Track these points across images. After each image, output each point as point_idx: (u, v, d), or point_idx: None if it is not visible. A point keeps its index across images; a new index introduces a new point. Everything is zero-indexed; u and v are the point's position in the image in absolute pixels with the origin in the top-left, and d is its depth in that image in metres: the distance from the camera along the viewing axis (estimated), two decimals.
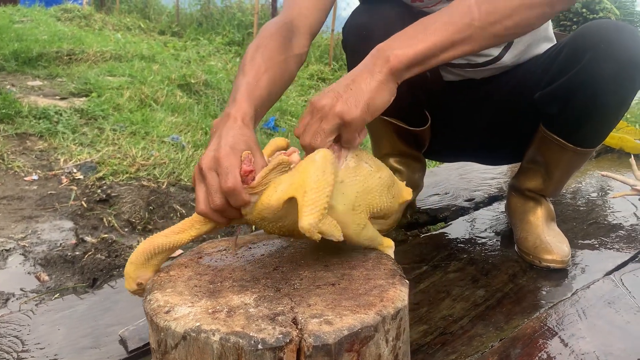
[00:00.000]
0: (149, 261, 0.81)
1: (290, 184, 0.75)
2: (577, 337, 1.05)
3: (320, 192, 0.72)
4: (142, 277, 0.82)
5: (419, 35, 0.85)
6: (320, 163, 0.74)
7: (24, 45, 5.32)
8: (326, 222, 0.73)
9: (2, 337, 1.02)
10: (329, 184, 0.73)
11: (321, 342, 0.65)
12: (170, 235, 0.81)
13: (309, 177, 0.72)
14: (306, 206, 0.71)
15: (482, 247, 1.42)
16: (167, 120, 3.63)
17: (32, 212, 2.17)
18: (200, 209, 0.79)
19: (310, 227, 0.70)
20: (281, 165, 0.78)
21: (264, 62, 0.98)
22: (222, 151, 0.79)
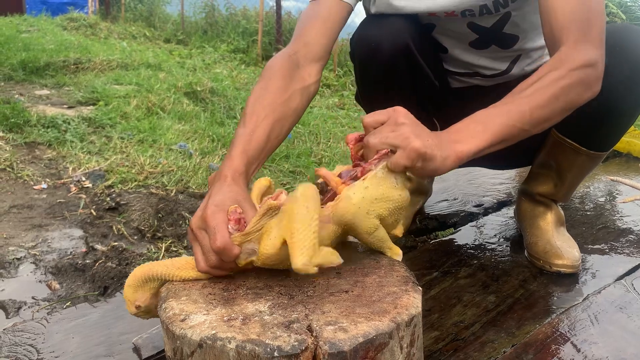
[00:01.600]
0: (145, 285, 0.84)
1: (279, 228, 0.77)
2: (589, 342, 1.04)
3: (306, 229, 0.74)
4: (140, 299, 0.84)
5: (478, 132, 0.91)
6: (302, 201, 0.76)
7: (31, 55, 5.37)
8: (320, 255, 0.76)
9: (17, 345, 1.03)
10: (313, 218, 0.75)
11: (337, 349, 0.65)
12: (171, 268, 0.84)
13: (294, 217, 0.75)
14: (296, 248, 0.74)
15: (492, 252, 1.42)
16: (174, 128, 3.64)
17: (42, 220, 2.18)
18: (200, 268, 0.82)
19: (304, 267, 0.73)
20: (270, 210, 0.80)
21: (263, 108, 1.01)
22: (209, 210, 0.82)
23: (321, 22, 1.14)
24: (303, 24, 1.16)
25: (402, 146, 0.82)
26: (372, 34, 1.23)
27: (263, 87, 1.05)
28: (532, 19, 1.24)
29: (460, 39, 1.29)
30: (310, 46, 1.12)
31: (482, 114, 0.93)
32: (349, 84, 6.37)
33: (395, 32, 1.20)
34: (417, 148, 0.82)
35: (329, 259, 0.77)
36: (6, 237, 2.00)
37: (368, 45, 1.24)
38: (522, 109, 0.92)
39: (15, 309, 1.56)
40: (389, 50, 1.20)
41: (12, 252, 1.89)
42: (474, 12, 1.18)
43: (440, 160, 0.86)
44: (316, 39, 1.13)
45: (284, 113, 1.04)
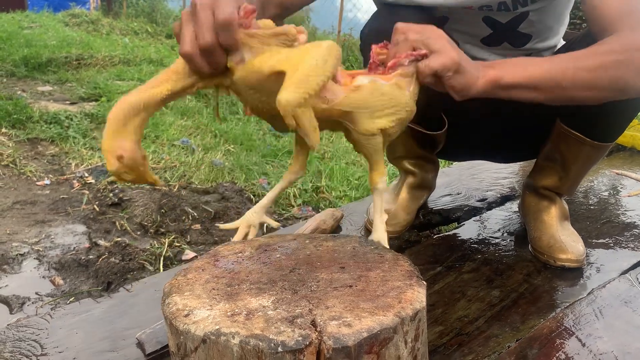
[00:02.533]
0: (125, 127, 0.71)
1: (287, 58, 0.70)
2: (594, 337, 1.04)
3: (313, 77, 0.68)
4: (121, 146, 0.71)
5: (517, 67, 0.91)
6: (325, 51, 0.70)
7: (33, 51, 5.37)
8: (306, 112, 0.69)
9: (21, 340, 1.03)
10: (325, 74, 0.69)
11: (341, 344, 0.65)
12: (144, 90, 0.73)
13: (308, 59, 0.68)
14: (292, 82, 0.67)
15: (496, 247, 1.42)
16: (176, 123, 3.64)
17: (45, 216, 2.19)
18: (185, 49, 0.72)
19: (287, 104, 0.66)
20: (285, 36, 0.73)
21: None
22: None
23: None
24: None
25: (441, 50, 0.82)
26: (384, 27, 1.22)
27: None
28: (548, 21, 1.23)
29: (472, 35, 1.28)
30: None
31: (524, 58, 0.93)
32: None
33: None
34: (453, 56, 0.82)
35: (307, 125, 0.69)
36: (10, 233, 2.01)
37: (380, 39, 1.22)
38: (567, 65, 0.91)
39: (19, 304, 1.56)
40: None
41: (16, 248, 1.89)
42: (492, 7, 1.17)
43: (472, 78, 0.85)
44: None
45: None
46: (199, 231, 2.07)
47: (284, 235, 0.95)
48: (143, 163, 0.74)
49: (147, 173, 0.76)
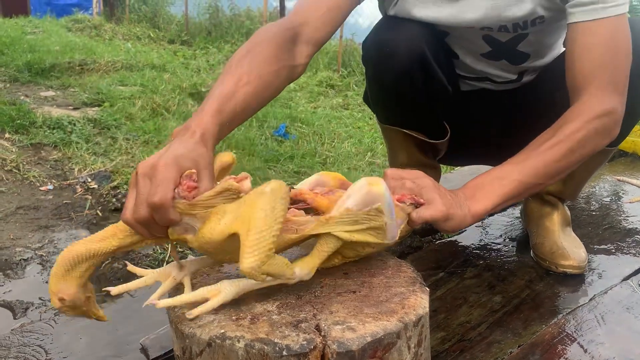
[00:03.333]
0: (69, 273, 0.74)
1: (235, 217, 0.69)
2: (596, 343, 1.04)
3: (266, 231, 0.66)
4: (64, 291, 0.74)
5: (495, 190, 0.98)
6: (269, 197, 0.67)
7: (36, 56, 5.39)
8: (273, 263, 0.68)
9: (26, 346, 1.03)
10: (277, 222, 0.67)
11: (345, 348, 0.65)
12: (90, 243, 0.75)
13: (256, 213, 0.66)
14: (248, 247, 0.66)
15: (498, 253, 1.42)
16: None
17: (48, 221, 2.19)
18: (125, 217, 0.73)
19: (251, 271, 0.66)
20: (229, 192, 0.72)
21: (247, 72, 0.91)
22: (163, 161, 0.72)
23: (326, 8, 1.08)
24: (306, 4, 1.09)
25: (431, 202, 0.89)
26: (387, 38, 1.22)
27: (251, 49, 0.95)
28: (546, 40, 1.25)
29: (472, 50, 1.29)
30: (310, 28, 1.05)
31: (497, 171, 0.99)
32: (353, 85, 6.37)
33: (411, 38, 1.19)
34: (442, 209, 0.89)
35: (281, 271, 0.70)
36: (13, 238, 2.01)
37: (383, 50, 1.22)
38: (537, 165, 0.98)
39: (22, 309, 1.56)
40: (404, 56, 1.19)
41: (19, 253, 1.89)
42: (492, 28, 1.18)
43: (460, 219, 0.92)
44: (317, 24, 1.07)
45: (269, 84, 0.95)
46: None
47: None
48: (86, 303, 0.78)
49: (91, 311, 0.81)
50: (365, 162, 3.42)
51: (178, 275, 0.81)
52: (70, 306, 0.76)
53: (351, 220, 0.77)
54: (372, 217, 0.78)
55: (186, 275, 0.81)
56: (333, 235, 0.77)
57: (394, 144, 1.51)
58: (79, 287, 0.75)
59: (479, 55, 1.29)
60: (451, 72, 1.35)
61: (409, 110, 1.30)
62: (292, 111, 4.67)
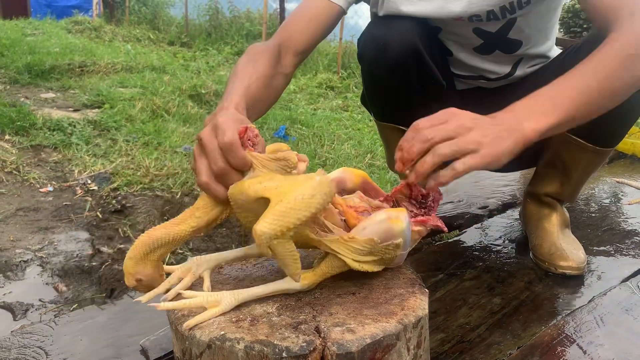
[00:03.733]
0: (147, 256, 0.77)
1: (276, 186, 0.70)
2: (595, 344, 1.05)
3: (294, 211, 0.66)
4: (141, 272, 0.78)
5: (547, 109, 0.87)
6: (315, 185, 0.68)
7: (36, 58, 5.40)
8: (283, 244, 0.68)
9: (26, 347, 1.04)
10: (308, 209, 0.67)
11: (344, 350, 0.65)
12: (170, 226, 0.78)
13: (295, 191, 0.67)
14: (270, 214, 0.66)
15: (497, 254, 1.43)
16: (179, 130, 3.66)
17: (48, 223, 2.20)
18: (201, 179, 0.76)
19: (261, 236, 0.66)
20: (285, 162, 0.75)
21: (255, 71, 1.03)
22: (221, 119, 0.77)
23: (307, 20, 1.19)
24: (290, 19, 1.21)
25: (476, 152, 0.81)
26: (380, 34, 1.24)
27: (252, 59, 1.07)
28: (536, 24, 1.25)
29: (464, 44, 1.30)
30: (292, 41, 1.17)
31: (547, 90, 0.89)
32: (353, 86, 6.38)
33: (403, 33, 1.21)
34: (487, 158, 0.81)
35: (286, 258, 0.70)
36: (13, 240, 2.02)
37: (376, 46, 1.24)
38: (589, 82, 0.89)
39: (22, 311, 1.57)
40: (397, 50, 1.21)
41: (19, 255, 1.90)
42: (481, 17, 1.19)
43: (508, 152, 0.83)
44: (299, 36, 1.17)
45: (270, 84, 1.08)
46: (201, 238, 2.08)
47: None
48: (160, 280, 0.81)
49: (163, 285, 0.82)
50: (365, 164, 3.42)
51: (197, 270, 0.83)
52: (146, 285, 0.79)
53: (368, 250, 0.76)
54: (389, 250, 0.78)
55: (206, 270, 0.83)
56: (341, 261, 0.77)
57: (391, 142, 1.51)
58: (155, 268, 0.79)
59: (471, 50, 1.30)
60: (445, 69, 1.36)
61: (403, 105, 1.31)
62: (292, 113, 4.67)
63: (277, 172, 0.75)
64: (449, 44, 1.32)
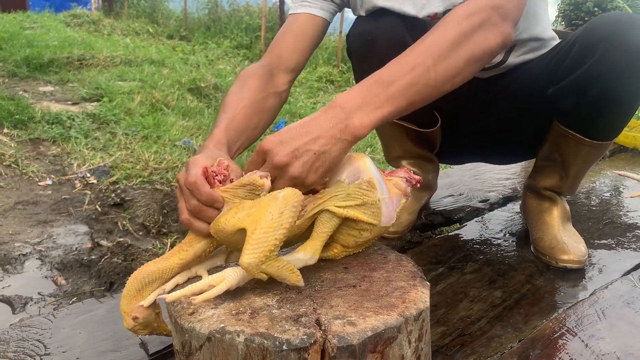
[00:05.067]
0: (140, 292, 0.80)
1: (248, 214, 0.73)
2: (597, 337, 1.04)
3: (270, 233, 0.70)
4: (136, 310, 0.80)
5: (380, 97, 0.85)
6: (280, 203, 0.71)
7: (35, 51, 5.38)
8: (274, 265, 0.71)
9: (24, 340, 1.03)
10: (282, 226, 0.70)
11: (345, 342, 0.65)
12: (159, 262, 0.80)
13: (265, 214, 0.70)
14: (250, 245, 0.70)
15: (498, 248, 1.42)
16: (178, 124, 3.65)
17: (47, 216, 2.19)
18: (182, 218, 0.81)
19: (249, 267, 0.70)
20: (252, 186, 0.77)
21: (242, 99, 1.07)
22: (190, 160, 0.83)
23: (293, 37, 1.22)
24: (278, 38, 1.23)
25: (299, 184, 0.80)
26: (367, 28, 1.24)
27: (241, 85, 1.11)
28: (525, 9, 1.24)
29: None
30: (282, 59, 1.20)
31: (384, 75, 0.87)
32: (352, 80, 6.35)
33: (391, 27, 1.21)
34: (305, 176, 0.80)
35: (282, 274, 0.73)
36: (12, 233, 2.01)
37: (364, 40, 1.24)
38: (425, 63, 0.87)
39: (21, 304, 1.56)
40: (385, 44, 1.20)
41: (18, 248, 1.89)
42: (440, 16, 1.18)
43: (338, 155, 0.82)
44: (288, 53, 1.20)
45: (261, 108, 1.11)
46: None
47: None
48: (157, 320, 0.83)
49: (161, 327, 0.85)
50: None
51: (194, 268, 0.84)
52: (143, 324, 0.81)
53: (344, 193, 0.79)
54: (364, 190, 0.80)
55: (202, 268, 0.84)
56: (328, 212, 0.79)
57: (387, 136, 1.51)
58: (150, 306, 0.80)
59: None
60: None
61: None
62: (292, 107, 4.66)
63: (247, 197, 0.78)
64: None
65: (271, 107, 1.15)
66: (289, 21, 1.25)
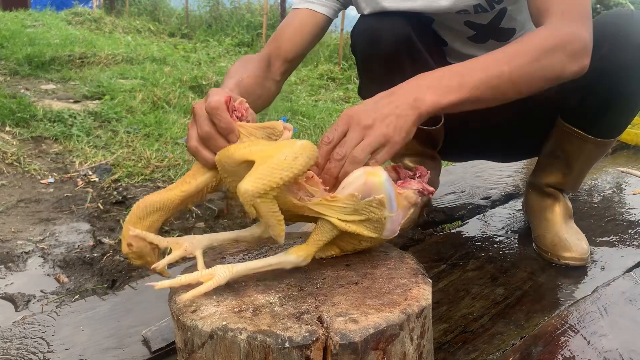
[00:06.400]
0: (140, 220, 0.80)
1: (261, 149, 0.73)
2: (599, 334, 1.04)
3: (277, 171, 0.68)
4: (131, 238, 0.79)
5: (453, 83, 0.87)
6: (298, 149, 0.70)
7: (36, 50, 5.38)
8: (267, 204, 0.70)
9: (27, 338, 1.03)
10: (291, 171, 0.69)
11: (347, 340, 0.65)
12: (163, 192, 0.81)
13: (279, 154, 0.70)
14: (254, 173, 0.69)
15: (500, 245, 1.42)
16: (180, 122, 3.65)
17: (49, 214, 2.19)
18: (190, 145, 0.80)
19: (245, 193, 0.68)
20: (271, 130, 0.77)
21: (246, 71, 1.10)
22: (212, 89, 0.82)
23: (292, 30, 1.23)
24: (278, 30, 1.25)
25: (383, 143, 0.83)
26: (372, 25, 1.24)
27: (243, 62, 1.14)
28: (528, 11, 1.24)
29: (458, 34, 1.29)
30: (280, 50, 1.22)
31: (460, 66, 0.90)
32: (354, 77, 6.35)
33: (396, 23, 1.21)
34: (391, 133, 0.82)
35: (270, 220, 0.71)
36: (14, 231, 2.01)
37: (369, 37, 1.24)
38: (502, 68, 0.88)
39: (24, 302, 1.56)
40: (390, 40, 1.20)
41: (21, 246, 1.90)
42: (469, 11, 1.18)
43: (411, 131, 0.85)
44: (286, 44, 1.22)
45: (262, 85, 1.14)
46: (202, 229, 2.08)
47: (290, 233, 0.95)
48: (151, 254, 0.82)
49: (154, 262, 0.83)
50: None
51: (189, 248, 0.82)
52: (136, 253, 0.80)
53: (352, 208, 0.76)
54: (372, 208, 0.77)
55: (198, 249, 0.83)
56: (329, 223, 0.77)
57: None
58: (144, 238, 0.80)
59: (465, 39, 1.29)
60: (441, 59, 1.35)
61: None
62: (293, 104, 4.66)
63: (263, 139, 0.78)
64: (443, 34, 1.32)
65: (270, 89, 1.18)
66: (291, 15, 1.25)
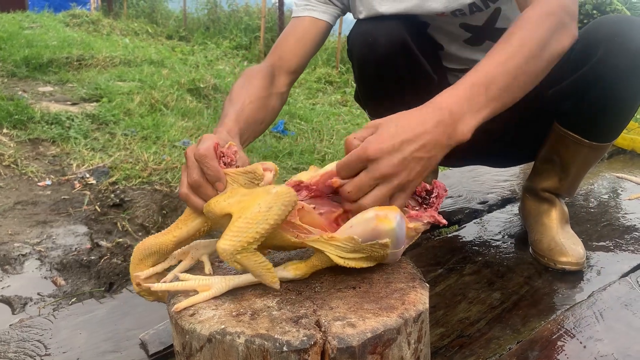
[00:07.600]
0: (142, 261, 0.83)
1: (238, 201, 0.73)
2: (595, 339, 1.05)
3: (253, 225, 0.68)
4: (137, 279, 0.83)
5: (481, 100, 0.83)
6: (272, 198, 0.70)
7: (34, 51, 5.38)
8: (251, 258, 0.70)
9: (25, 341, 1.03)
10: (267, 222, 0.68)
11: (345, 344, 0.65)
12: (159, 236, 0.83)
13: (253, 205, 0.70)
14: (230, 231, 0.69)
15: (497, 249, 1.42)
16: (177, 124, 3.65)
17: (46, 217, 2.19)
18: (181, 191, 0.82)
19: (224, 253, 0.69)
20: (252, 174, 0.78)
21: (248, 95, 1.09)
22: (204, 135, 0.83)
23: (295, 39, 1.23)
24: (280, 40, 1.25)
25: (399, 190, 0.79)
26: (368, 30, 1.24)
27: (246, 82, 1.13)
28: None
29: (454, 37, 1.30)
30: (283, 61, 1.21)
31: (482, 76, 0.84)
32: (351, 81, 6.37)
33: (391, 28, 1.21)
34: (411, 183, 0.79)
35: (257, 269, 0.71)
36: (11, 234, 2.01)
37: (365, 42, 1.24)
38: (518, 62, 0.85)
39: (21, 304, 1.56)
40: (385, 45, 1.21)
41: (17, 249, 1.89)
42: (464, 11, 1.19)
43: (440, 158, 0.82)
44: (289, 55, 1.22)
45: (265, 105, 1.13)
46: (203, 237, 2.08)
47: None
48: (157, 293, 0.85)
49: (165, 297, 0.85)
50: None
51: (196, 254, 0.85)
52: (147, 290, 0.84)
53: (351, 248, 0.76)
54: (375, 249, 0.76)
55: (204, 254, 0.85)
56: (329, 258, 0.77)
57: None
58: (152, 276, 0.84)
59: (462, 42, 1.30)
60: (437, 63, 1.36)
61: (395, 101, 1.31)
62: (291, 107, 4.66)
63: (245, 185, 0.79)
64: (439, 38, 1.32)
65: (274, 106, 1.18)
66: (292, 24, 1.26)
